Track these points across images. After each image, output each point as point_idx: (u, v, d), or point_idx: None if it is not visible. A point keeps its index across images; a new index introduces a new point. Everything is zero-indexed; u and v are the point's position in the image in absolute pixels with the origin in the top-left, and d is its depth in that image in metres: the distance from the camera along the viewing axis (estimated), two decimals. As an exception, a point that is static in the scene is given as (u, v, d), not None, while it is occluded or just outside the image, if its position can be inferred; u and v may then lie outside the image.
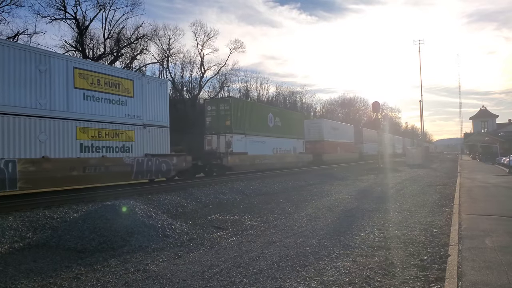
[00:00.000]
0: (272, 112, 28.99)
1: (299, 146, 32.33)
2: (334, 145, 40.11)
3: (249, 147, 24.86)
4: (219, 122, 23.95)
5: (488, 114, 75.91)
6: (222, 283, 5.36)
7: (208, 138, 24.32)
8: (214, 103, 25.31)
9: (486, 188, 16.23)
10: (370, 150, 52.82)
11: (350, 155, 44.34)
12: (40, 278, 5.78)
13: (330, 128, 40.12)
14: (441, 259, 6.16)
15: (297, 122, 32.89)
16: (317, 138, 37.58)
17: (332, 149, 39.25)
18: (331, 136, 39.50)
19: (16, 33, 36.65)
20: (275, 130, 28.48)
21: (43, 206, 10.37)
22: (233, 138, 23.52)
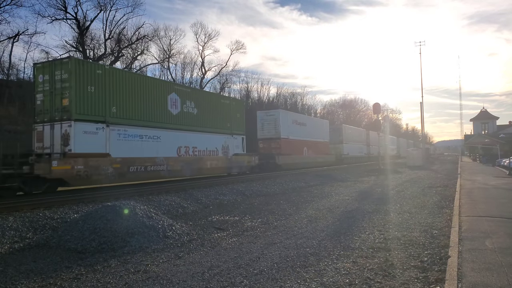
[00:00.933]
0: (178, 92, 19.35)
1: (236, 145, 24.00)
2: (298, 144, 32.49)
3: (116, 145, 15.72)
4: (55, 102, 14.58)
5: (489, 116, 75.92)
6: (222, 284, 5.36)
7: (39, 129, 14.89)
8: (47, 69, 14.99)
9: (486, 189, 16.22)
10: (353, 151, 46.57)
11: (322, 157, 37.75)
12: (40, 279, 5.78)
13: (291, 122, 31.76)
14: (441, 260, 6.16)
15: (231, 110, 23.86)
16: (272, 135, 29.86)
17: (294, 149, 31.74)
18: (294, 133, 31.84)
19: (16, 33, 36.76)
20: (184, 120, 19.54)
21: (43, 207, 10.38)
22: (74, 129, 14.21)
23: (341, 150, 42.86)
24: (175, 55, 53.61)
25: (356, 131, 49.71)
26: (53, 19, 40.29)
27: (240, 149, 24.42)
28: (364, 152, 50.86)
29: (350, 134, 46.27)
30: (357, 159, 46.95)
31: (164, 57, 52.31)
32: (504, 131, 59.93)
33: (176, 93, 19.35)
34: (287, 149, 30.29)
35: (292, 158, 30.79)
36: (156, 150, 17.59)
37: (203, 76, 56.35)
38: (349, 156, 44.38)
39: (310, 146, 34.95)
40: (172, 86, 19.80)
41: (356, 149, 47.81)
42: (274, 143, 29.66)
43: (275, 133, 29.85)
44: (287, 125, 30.97)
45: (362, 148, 50.64)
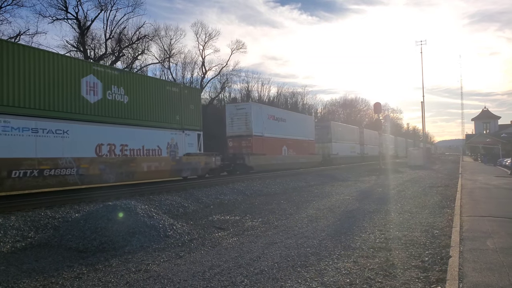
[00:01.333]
0: (98, 74, 15.16)
1: (189, 143, 19.55)
2: (275, 143, 28.53)
3: None
4: None
5: (490, 115, 75.83)
6: (223, 283, 5.37)
7: None
8: None
9: (487, 189, 16.20)
10: (343, 150, 42.80)
11: (306, 158, 33.49)
12: (42, 278, 5.80)
13: (266, 117, 27.75)
14: (442, 260, 6.16)
15: (182, 100, 19.21)
16: (242, 132, 25.92)
17: (271, 148, 27.77)
18: (270, 130, 27.93)
19: (18, 33, 36.78)
20: (108, 110, 15.40)
21: (45, 206, 10.40)
22: None
23: (329, 149, 38.89)
24: (176, 54, 53.67)
25: (347, 129, 46.00)
26: (54, 19, 40.36)
27: (194, 147, 19.85)
28: (357, 152, 47.65)
29: (340, 132, 42.25)
30: (348, 160, 43.54)
31: (164, 57, 52.36)
32: (505, 131, 59.84)
33: (95, 75, 14.97)
34: (260, 148, 26.24)
35: (267, 158, 26.65)
36: (61, 149, 13.34)
37: (204, 76, 56.40)
38: (339, 156, 40.46)
39: (291, 145, 30.64)
40: (88, 67, 15.04)
41: (347, 148, 44.29)
42: (245, 141, 25.64)
43: (246, 129, 25.72)
44: (262, 120, 26.85)
45: (354, 148, 47.21)
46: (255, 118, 26.20)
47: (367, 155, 51.07)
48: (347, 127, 47.23)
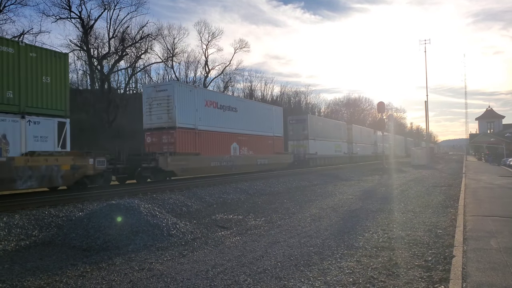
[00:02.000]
0: None
1: (37, 137, 12.61)
2: (218, 139, 22.12)
3: None
4: None
5: (494, 114, 75.44)
6: (226, 282, 5.38)
7: None
8: None
9: (491, 189, 16.14)
10: (325, 150, 36.63)
11: (270, 158, 27.21)
12: (46, 276, 5.83)
13: (201, 103, 21.01)
14: (446, 260, 6.14)
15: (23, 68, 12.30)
16: (163, 123, 19.42)
17: (209, 147, 21.27)
18: (209, 121, 21.43)
19: (21, 32, 36.94)
20: None
21: (48, 205, 10.45)
22: None
23: (306, 148, 33.20)
24: (179, 54, 53.68)
25: (330, 125, 40.22)
26: (58, 18, 40.52)
27: (50, 143, 13.00)
28: (343, 152, 41.90)
29: (320, 127, 36.11)
30: (331, 160, 37.89)
31: (167, 56, 52.39)
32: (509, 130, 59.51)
33: None
34: (190, 146, 19.78)
35: (201, 160, 20.17)
36: None
37: (207, 75, 56.45)
38: (318, 156, 34.69)
39: (245, 142, 24.46)
40: None
41: (331, 147, 38.57)
42: (166, 136, 19.16)
43: (167, 119, 19.14)
44: (193, 107, 20.13)
45: (340, 147, 41.46)
46: (181, 104, 19.26)
47: (356, 155, 46.10)
48: (329, 122, 41.39)
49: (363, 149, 49.68)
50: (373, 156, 53.08)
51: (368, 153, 51.76)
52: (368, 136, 52.56)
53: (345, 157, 42.34)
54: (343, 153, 42.08)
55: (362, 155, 48.02)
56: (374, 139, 54.41)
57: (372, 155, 52.92)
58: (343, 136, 42.72)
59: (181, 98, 19.54)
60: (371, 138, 54.16)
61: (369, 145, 52.63)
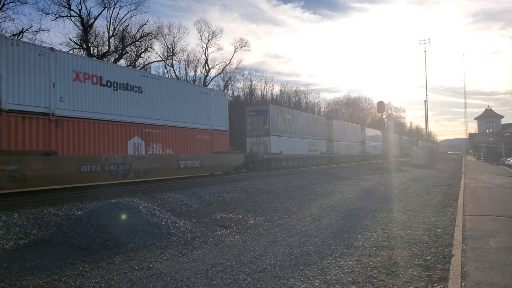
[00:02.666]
0: None
1: None
2: (99, 131, 15.10)
3: None
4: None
5: (494, 114, 75.46)
6: (225, 281, 5.38)
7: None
8: None
9: (490, 188, 16.15)
10: (295, 149, 30.20)
11: (202, 159, 20.28)
12: (45, 275, 5.82)
13: (66, 75, 14.03)
14: (445, 259, 6.15)
15: None
16: None
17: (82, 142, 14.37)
18: (78, 102, 14.45)
19: (20, 31, 36.88)
20: None
21: (47, 204, 10.44)
22: None
23: (267, 146, 26.62)
24: (179, 52, 53.74)
25: (302, 119, 32.81)
26: (57, 16, 40.49)
27: None
28: (320, 151, 35.11)
29: (288, 122, 29.60)
30: (303, 161, 31.55)
31: (167, 55, 52.43)
32: (509, 130, 59.57)
33: None
34: (33, 139, 12.83)
35: (52, 163, 12.93)
36: None
37: (207, 74, 56.48)
38: (284, 156, 28.27)
39: (157, 137, 17.93)
40: None
41: (302, 146, 31.51)
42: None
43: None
44: (47, 80, 13.41)
45: (317, 145, 34.52)
46: (17, 72, 12.54)
47: (337, 155, 39.20)
48: (301, 116, 33.63)
49: (348, 148, 43.23)
50: (361, 156, 47.40)
51: (354, 153, 45.52)
52: (354, 133, 45.97)
53: (322, 158, 35.91)
54: (320, 152, 35.24)
55: (346, 155, 41.88)
56: (362, 137, 49.16)
57: (359, 154, 47.04)
58: (320, 132, 35.85)
59: (15, 63, 12.52)
60: (358, 136, 47.81)
61: (356, 143, 46.39)
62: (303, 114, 36.23)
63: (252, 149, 27.31)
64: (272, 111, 27.86)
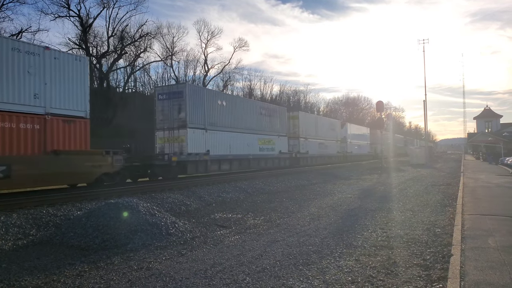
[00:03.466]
0: None
1: None
2: None
3: None
4: None
5: (492, 114, 75.51)
6: (225, 281, 5.37)
7: None
8: None
9: (489, 188, 16.17)
10: (237, 148, 23.15)
11: None
12: (44, 275, 5.81)
13: None
14: (444, 258, 6.15)
15: None
16: None
17: None
18: None
19: (19, 31, 36.83)
20: None
21: (46, 204, 10.42)
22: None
23: (183, 144, 19.34)
24: (178, 52, 53.65)
25: (247, 108, 25.06)
26: (56, 16, 40.44)
27: None
28: (279, 150, 28.15)
29: (221, 110, 22.25)
30: (249, 164, 24.34)
31: (167, 55, 52.35)
32: (507, 130, 59.68)
33: None
34: None
35: None
36: None
37: (206, 74, 56.43)
38: (214, 157, 20.99)
39: None
40: None
41: (247, 144, 24.25)
42: None
43: None
44: None
45: (273, 143, 27.39)
46: None
47: (305, 155, 32.12)
48: (243, 103, 25.71)
49: (322, 148, 35.30)
50: (340, 156, 40.23)
51: (331, 153, 37.47)
52: (331, 130, 37.82)
53: (282, 159, 28.88)
54: (278, 152, 28.03)
55: (318, 155, 34.70)
56: (343, 134, 42.33)
57: (338, 154, 40.02)
58: (279, 128, 28.47)
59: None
60: (337, 133, 39.73)
61: (334, 141, 38.48)
62: (250, 101, 29.52)
63: (163, 148, 19.67)
64: (192, 93, 19.92)
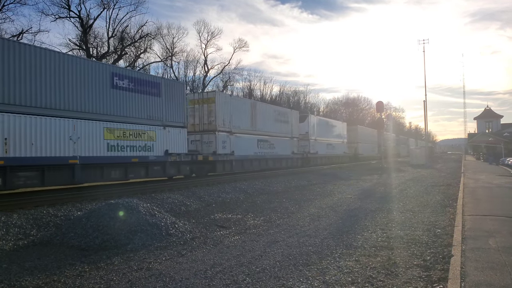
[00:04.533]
0: None
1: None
2: None
3: None
4: None
5: (493, 114, 75.51)
6: (225, 281, 5.37)
7: None
8: None
9: (490, 188, 16.16)
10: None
11: None
12: (44, 275, 5.81)
13: None
14: (444, 259, 6.15)
15: None
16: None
17: None
18: None
19: (20, 32, 36.82)
20: None
21: (47, 204, 10.43)
22: None
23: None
24: (178, 53, 53.68)
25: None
26: (57, 17, 40.39)
27: None
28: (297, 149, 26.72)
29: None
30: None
31: (167, 55, 52.39)
32: (508, 130, 59.62)
33: None
34: None
35: None
36: None
37: (206, 74, 56.43)
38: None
39: None
40: None
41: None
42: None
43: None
44: None
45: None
46: None
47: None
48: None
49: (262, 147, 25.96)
50: (298, 159, 31.03)
51: (280, 153, 27.98)
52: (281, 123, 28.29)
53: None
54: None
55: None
56: (305, 129, 32.76)
57: (293, 156, 30.07)
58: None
59: None
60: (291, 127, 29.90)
61: (285, 138, 28.90)
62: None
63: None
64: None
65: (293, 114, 30.72)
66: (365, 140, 49.78)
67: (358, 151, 44.61)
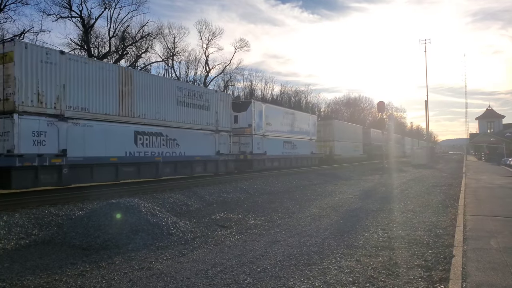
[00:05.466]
0: None
1: None
2: None
3: None
4: None
5: (495, 114, 75.35)
6: (226, 281, 5.38)
7: None
8: None
9: (491, 189, 16.13)
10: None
11: None
12: (46, 275, 5.83)
13: None
14: (446, 259, 6.14)
15: None
16: None
17: None
18: None
19: (22, 32, 36.89)
20: None
21: (48, 204, 10.44)
22: None
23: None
24: (179, 53, 53.71)
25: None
26: (58, 17, 40.47)
27: None
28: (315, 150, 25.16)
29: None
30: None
31: (168, 55, 52.43)
32: (510, 130, 59.49)
33: None
34: None
35: None
36: None
37: (207, 74, 56.47)
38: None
39: None
40: None
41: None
42: None
43: None
44: None
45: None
46: None
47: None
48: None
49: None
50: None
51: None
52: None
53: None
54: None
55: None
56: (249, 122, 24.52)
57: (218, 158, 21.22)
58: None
59: None
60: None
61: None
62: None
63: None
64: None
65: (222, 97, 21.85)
66: (344, 138, 39.92)
67: (334, 151, 37.09)
